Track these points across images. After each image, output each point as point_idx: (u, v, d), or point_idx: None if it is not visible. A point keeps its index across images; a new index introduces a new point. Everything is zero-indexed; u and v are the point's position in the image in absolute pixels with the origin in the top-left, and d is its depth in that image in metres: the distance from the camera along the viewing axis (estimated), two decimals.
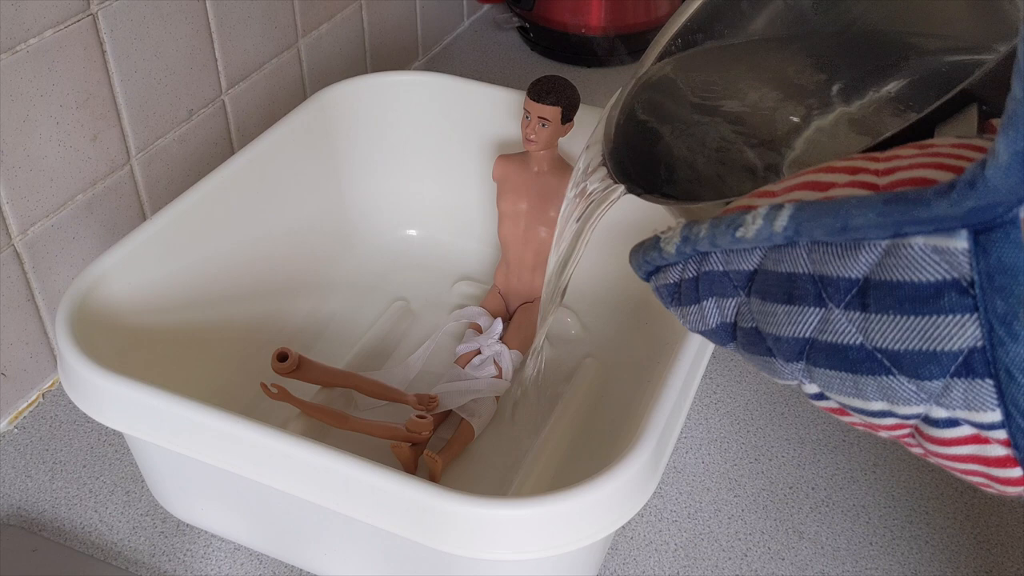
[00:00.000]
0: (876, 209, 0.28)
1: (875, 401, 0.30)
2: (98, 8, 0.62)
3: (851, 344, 0.30)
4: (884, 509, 0.60)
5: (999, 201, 0.25)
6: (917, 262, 0.28)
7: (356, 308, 0.73)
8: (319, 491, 0.46)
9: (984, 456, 0.29)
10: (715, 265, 0.34)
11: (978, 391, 0.28)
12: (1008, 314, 0.27)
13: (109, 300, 0.56)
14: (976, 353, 0.27)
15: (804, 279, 0.31)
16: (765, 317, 0.32)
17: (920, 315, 0.28)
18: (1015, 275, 0.26)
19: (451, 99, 0.75)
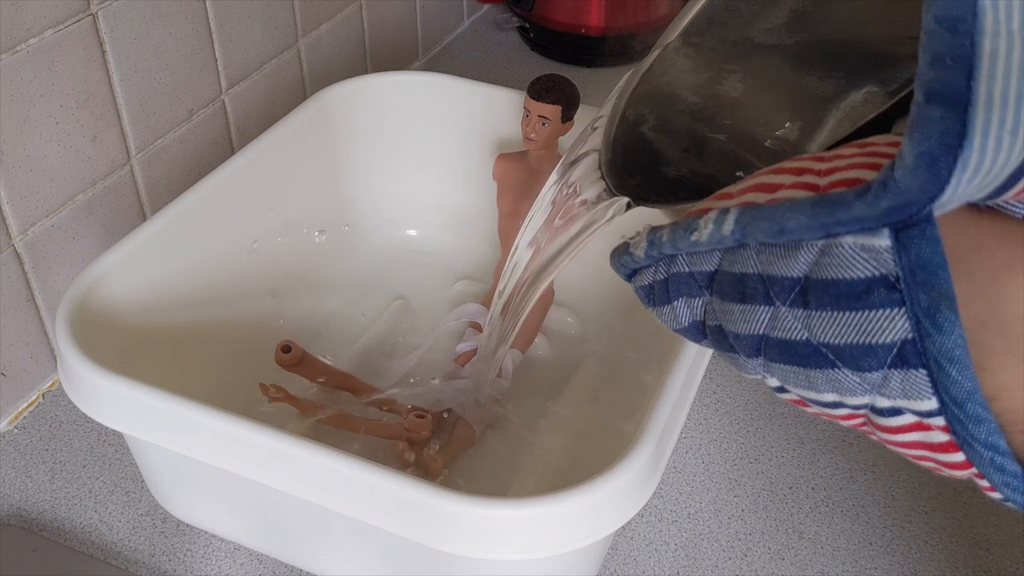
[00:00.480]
0: (806, 212, 0.29)
1: (827, 393, 0.32)
2: (98, 8, 0.62)
3: (799, 340, 0.31)
4: (883, 509, 0.60)
5: (911, 200, 0.26)
6: (848, 260, 0.29)
7: (356, 308, 0.73)
8: (319, 491, 0.46)
9: (929, 442, 0.31)
10: (681, 267, 0.35)
11: (913, 381, 0.29)
12: (931, 307, 0.28)
13: (109, 300, 0.56)
14: (908, 345, 0.29)
15: (754, 279, 0.32)
16: (725, 315, 0.34)
17: (854, 310, 0.29)
18: (933, 270, 0.28)
19: (451, 99, 0.75)
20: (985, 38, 0.26)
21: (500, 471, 0.61)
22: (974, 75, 0.25)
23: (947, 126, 0.25)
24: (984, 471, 0.30)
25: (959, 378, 0.28)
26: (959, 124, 0.25)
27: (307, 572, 0.56)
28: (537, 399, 0.65)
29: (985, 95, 0.25)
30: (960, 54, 0.25)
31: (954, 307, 0.28)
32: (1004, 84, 0.25)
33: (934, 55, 0.26)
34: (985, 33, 0.26)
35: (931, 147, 0.25)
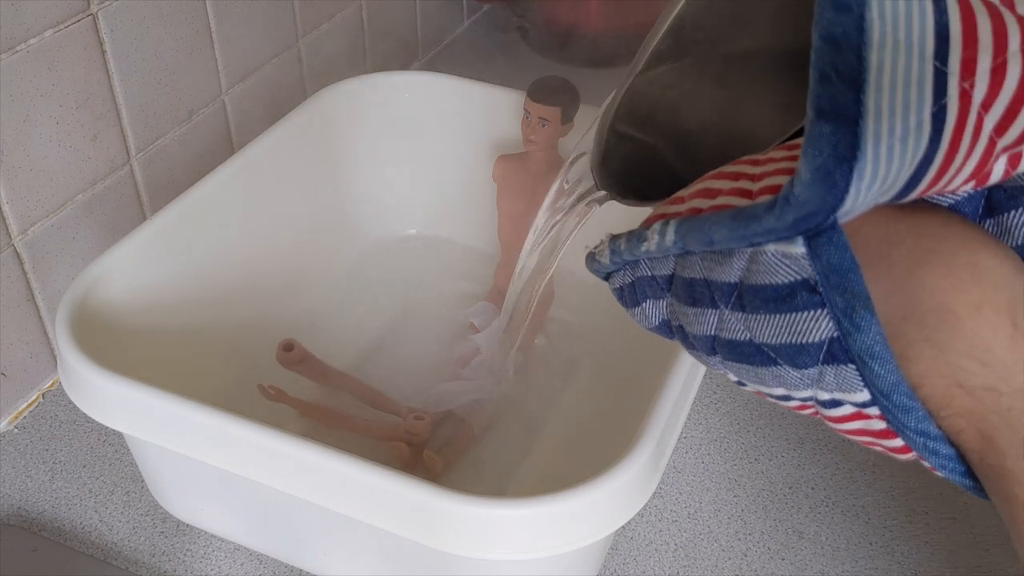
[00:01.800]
0: (727, 225, 0.30)
1: (775, 388, 0.33)
2: (98, 8, 0.62)
3: (743, 340, 0.33)
4: (883, 509, 0.60)
5: (813, 212, 0.27)
6: (772, 266, 0.31)
7: (356, 308, 0.73)
8: (319, 491, 0.46)
9: (870, 429, 0.32)
10: (644, 271, 0.37)
11: (845, 375, 0.31)
12: (848, 308, 0.30)
13: (109, 300, 0.56)
14: (835, 342, 0.30)
15: (700, 283, 0.34)
16: (683, 317, 0.36)
17: (782, 312, 0.31)
18: (844, 273, 0.29)
19: (451, 99, 0.75)
20: (872, 51, 0.27)
21: (500, 471, 0.61)
22: (863, 88, 0.26)
23: (838, 140, 0.26)
24: (920, 454, 0.31)
25: (882, 372, 0.30)
26: (850, 137, 0.26)
27: (307, 572, 0.56)
28: (537, 399, 0.65)
29: (874, 107, 0.26)
30: (846, 70, 0.26)
31: (869, 306, 0.29)
32: (891, 94, 0.27)
33: (821, 72, 0.27)
34: (872, 46, 0.27)
35: (824, 162, 0.26)
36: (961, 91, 0.27)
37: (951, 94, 0.27)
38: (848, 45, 0.27)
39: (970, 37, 0.28)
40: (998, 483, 0.30)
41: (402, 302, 0.73)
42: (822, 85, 0.27)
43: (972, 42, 0.28)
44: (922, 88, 0.27)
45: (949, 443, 0.31)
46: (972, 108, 0.28)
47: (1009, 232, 0.32)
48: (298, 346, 0.62)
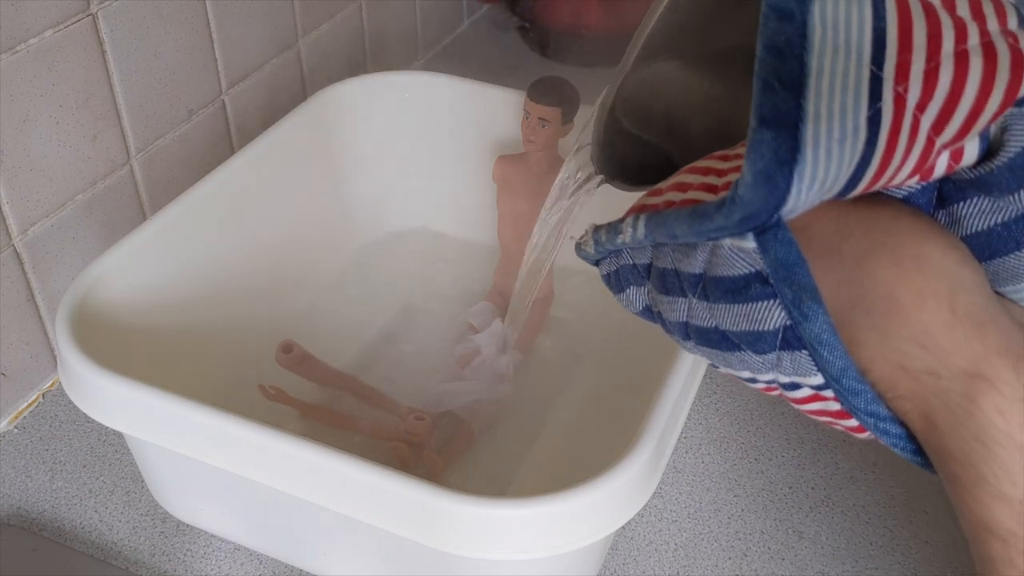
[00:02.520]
0: (686, 222, 0.32)
1: (742, 371, 0.35)
2: (98, 8, 0.62)
3: (709, 327, 0.35)
4: (884, 509, 0.60)
5: (757, 212, 0.29)
6: (729, 259, 0.33)
7: (355, 308, 0.73)
8: (319, 491, 0.46)
9: (827, 410, 0.34)
10: (626, 259, 0.39)
11: (800, 360, 0.32)
12: (796, 299, 0.31)
13: (109, 300, 0.56)
14: (788, 330, 0.32)
15: (671, 273, 0.36)
16: (660, 304, 0.37)
17: (740, 303, 0.33)
18: (791, 267, 0.31)
19: (451, 99, 0.75)
20: (813, 57, 0.28)
21: (500, 471, 0.61)
22: (804, 94, 0.28)
23: (779, 145, 0.28)
24: (873, 433, 0.33)
25: (831, 358, 0.32)
26: (790, 142, 0.28)
27: (307, 572, 0.56)
28: (537, 399, 0.65)
29: (814, 112, 0.28)
30: (788, 78, 0.28)
31: (816, 297, 0.31)
32: (830, 100, 0.28)
33: (764, 82, 0.28)
34: (813, 52, 0.28)
35: (766, 166, 0.28)
36: (895, 95, 0.29)
37: (886, 98, 0.28)
38: (791, 53, 0.28)
39: (905, 41, 0.29)
40: (939, 461, 0.32)
41: (402, 302, 0.73)
42: (765, 94, 0.28)
43: (907, 46, 0.29)
44: (858, 93, 0.28)
45: (899, 423, 0.33)
46: (907, 110, 0.29)
47: (958, 222, 0.33)
48: (297, 347, 0.62)
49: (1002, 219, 0.32)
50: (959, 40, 0.29)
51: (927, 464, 0.33)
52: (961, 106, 0.29)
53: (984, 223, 0.33)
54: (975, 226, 0.33)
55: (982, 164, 0.31)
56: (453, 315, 0.71)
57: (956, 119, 0.29)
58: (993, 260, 0.33)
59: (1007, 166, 0.31)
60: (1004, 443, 0.29)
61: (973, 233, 0.33)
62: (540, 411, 0.64)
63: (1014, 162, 0.31)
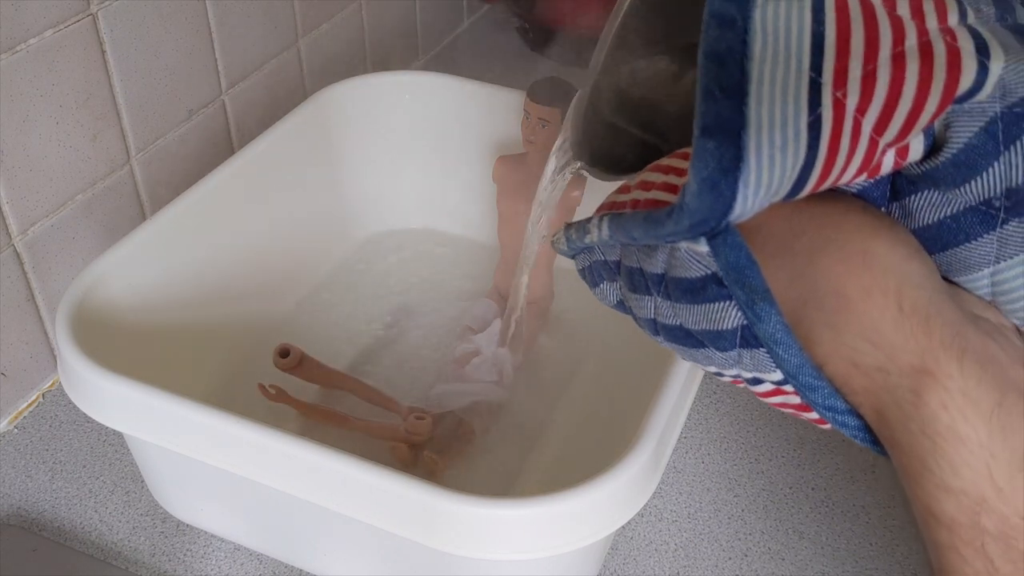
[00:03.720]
0: (641, 226, 0.33)
1: (708, 366, 0.36)
2: (98, 8, 0.62)
3: (675, 325, 0.35)
4: (884, 509, 0.60)
5: (705, 218, 0.29)
6: (686, 262, 0.33)
7: (356, 307, 0.73)
8: (319, 491, 0.46)
9: (790, 403, 0.35)
10: (598, 255, 0.39)
11: (759, 358, 0.33)
12: (748, 300, 0.32)
13: (109, 300, 0.56)
14: (746, 329, 0.33)
15: (637, 272, 0.36)
16: (629, 300, 0.38)
17: (699, 303, 0.34)
18: (742, 270, 0.32)
19: (451, 99, 0.75)
20: (754, 64, 0.28)
21: (500, 471, 0.61)
22: (745, 102, 0.28)
23: (722, 154, 0.28)
24: (833, 425, 0.34)
25: (786, 356, 0.32)
26: (734, 150, 0.28)
27: (307, 572, 0.56)
28: (537, 399, 0.65)
29: (755, 119, 0.28)
30: (729, 85, 0.28)
31: (768, 298, 0.32)
32: (771, 106, 0.28)
33: (706, 90, 0.28)
34: (754, 59, 0.28)
35: (710, 174, 0.28)
36: (835, 100, 0.29)
37: (825, 103, 0.29)
38: (732, 60, 0.28)
39: (843, 47, 0.29)
40: (891, 452, 0.32)
41: (402, 302, 0.73)
42: (706, 102, 0.28)
43: (845, 51, 0.29)
44: (798, 99, 0.29)
45: (856, 415, 0.33)
46: (847, 115, 0.29)
47: (911, 215, 0.34)
48: (294, 350, 0.62)
49: (951, 211, 0.33)
50: (896, 42, 0.30)
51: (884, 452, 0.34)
52: (900, 107, 0.30)
53: (935, 215, 0.33)
54: (926, 219, 0.33)
55: (929, 159, 0.32)
56: (453, 315, 0.71)
57: (896, 120, 0.30)
58: (945, 252, 0.33)
59: (951, 162, 0.31)
60: (947, 437, 0.30)
61: (925, 225, 0.33)
62: (540, 411, 0.64)
63: (957, 158, 0.31)
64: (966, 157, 0.31)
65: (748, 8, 0.29)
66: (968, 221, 0.32)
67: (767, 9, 0.29)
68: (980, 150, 0.31)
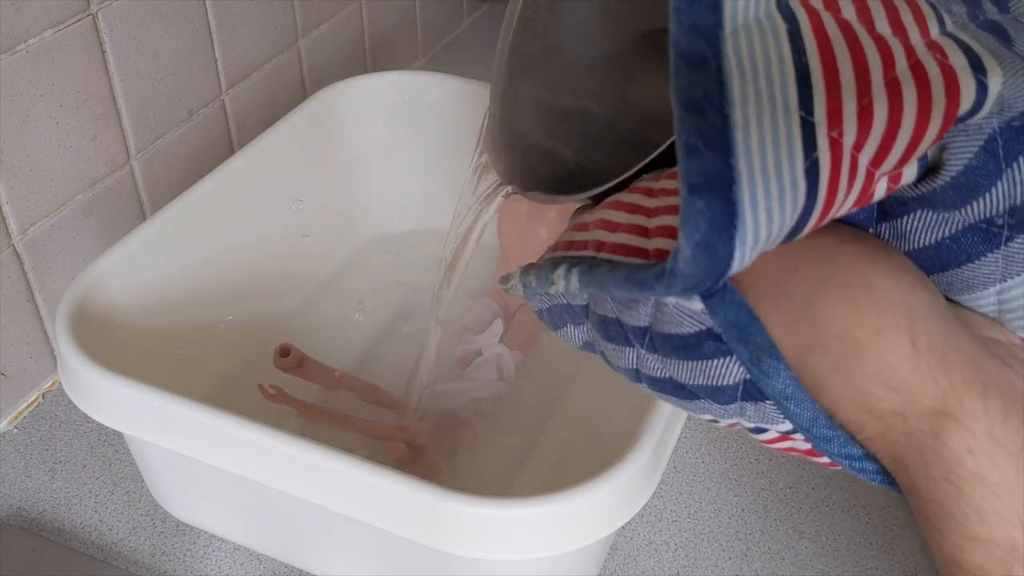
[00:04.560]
0: (623, 285, 0.30)
1: (703, 414, 0.34)
2: (98, 8, 0.62)
3: (663, 378, 0.33)
4: (884, 509, 0.60)
5: (699, 282, 0.27)
6: (676, 318, 0.31)
7: (356, 307, 0.73)
8: (319, 491, 0.46)
9: (798, 448, 0.33)
10: (560, 300, 0.37)
11: (765, 410, 0.31)
12: (754, 357, 0.30)
13: (109, 300, 0.56)
14: (749, 384, 0.31)
15: (614, 323, 0.34)
16: (603, 348, 0.36)
17: (693, 360, 0.31)
18: (744, 327, 0.30)
19: (451, 99, 0.75)
20: (736, 108, 0.26)
21: (500, 471, 0.61)
22: (732, 152, 0.25)
23: (714, 213, 0.25)
24: (849, 472, 0.32)
25: (798, 410, 0.30)
26: (726, 206, 0.25)
27: (307, 572, 0.56)
28: (537, 399, 0.65)
29: (747, 171, 0.25)
30: (712, 135, 0.25)
31: (775, 353, 0.30)
32: (762, 155, 0.26)
33: (687, 145, 0.26)
34: (735, 103, 0.26)
35: (703, 237, 0.25)
36: (831, 141, 0.27)
37: (821, 146, 0.26)
38: (710, 106, 0.26)
39: (832, 79, 0.27)
40: (911, 498, 0.30)
41: (402, 301, 0.73)
42: (690, 159, 0.26)
43: (834, 85, 0.27)
44: (791, 144, 0.26)
45: (874, 459, 0.31)
46: (844, 154, 0.27)
47: (904, 236, 0.32)
48: (294, 350, 0.62)
49: (950, 232, 0.31)
50: (887, 68, 0.27)
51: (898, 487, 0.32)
52: (900, 139, 0.28)
53: (932, 237, 0.31)
54: (923, 240, 0.31)
55: (924, 182, 0.30)
56: (453, 315, 0.71)
57: (895, 152, 0.28)
58: (945, 272, 0.31)
59: (950, 184, 0.30)
60: (974, 482, 0.28)
61: (921, 247, 0.32)
62: (541, 411, 0.64)
63: (957, 180, 0.29)
64: (967, 179, 0.29)
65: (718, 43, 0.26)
66: (969, 241, 0.31)
67: (739, 41, 0.26)
68: (981, 171, 0.29)
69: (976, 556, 0.29)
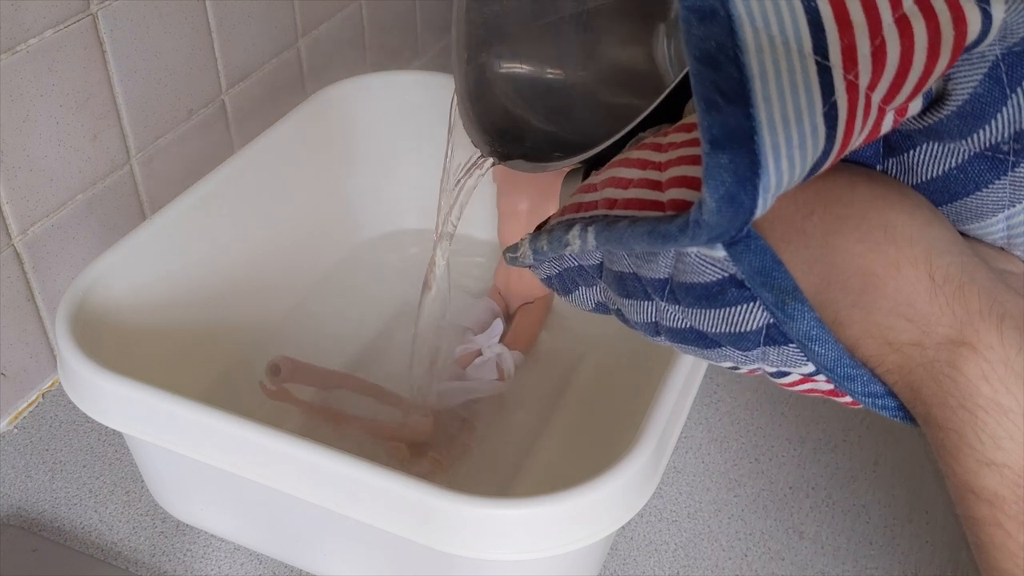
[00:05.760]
0: (644, 239, 0.30)
1: (723, 362, 0.35)
2: (98, 8, 0.62)
3: (684, 328, 0.34)
4: (885, 508, 0.60)
5: (725, 230, 0.27)
6: (697, 267, 0.31)
7: (356, 307, 0.73)
8: (319, 491, 0.46)
9: (819, 389, 0.34)
10: (571, 262, 0.37)
11: (787, 354, 0.32)
12: (778, 301, 0.31)
13: (109, 300, 0.56)
14: (772, 328, 0.32)
15: (631, 277, 0.35)
16: (619, 304, 0.36)
17: (716, 307, 0.32)
18: (768, 272, 0.30)
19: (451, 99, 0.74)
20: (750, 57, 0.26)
21: (500, 471, 0.61)
22: (752, 103, 0.25)
23: (737, 166, 0.26)
24: (870, 409, 0.33)
25: (822, 351, 0.31)
26: (749, 157, 0.25)
27: (307, 572, 0.56)
28: (537, 399, 0.65)
29: (767, 120, 0.26)
30: (730, 88, 0.25)
31: (798, 296, 0.31)
32: (781, 102, 0.26)
33: (705, 99, 0.26)
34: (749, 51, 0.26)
35: (728, 189, 0.26)
36: (847, 84, 0.27)
37: (839, 90, 0.27)
38: (725, 58, 0.25)
39: (844, 21, 0.27)
40: (926, 428, 0.31)
41: (402, 301, 0.73)
42: (710, 114, 0.26)
43: (847, 26, 0.27)
44: (809, 90, 0.26)
45: (894, 395, 0.32)
46: (860, 95, 0.27)
47: (911, 170, 0.32)
48: (284, 363, 0.61)
49: (956, 162, 0.31)
50: (894, 5, 0.27)
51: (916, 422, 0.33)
52: (911, 75, 0.28)
53: (939, 168, 0.32)
54: (930, 172, 0.32)
55: (929, 113, 0.31)
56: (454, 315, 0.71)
57: (907, 87, 0.28)
58: (954, 203, 0.32)
59: (956, 114, 0.30)
60: (990, 409, 0.29)
61: (929, 179, 0.32)
62: (541, 410, 0.64)
63: (963, 109, 0.30)
64: (972, 107, 0.30)
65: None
66: (976, 169, 0.31)
67: None
68: (986, 98, 0.29)
69: (990, 481, 0.30)
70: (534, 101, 0.48)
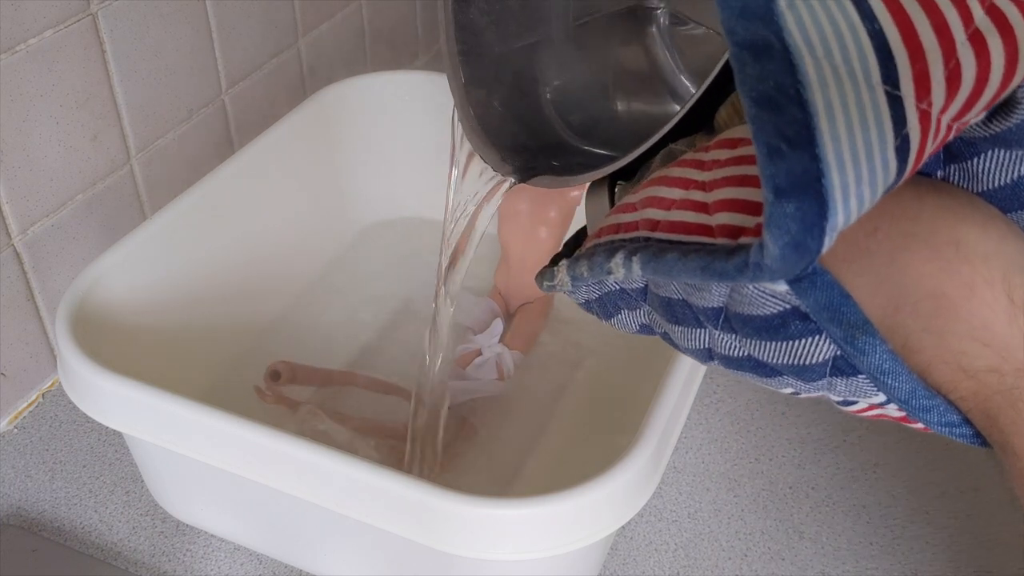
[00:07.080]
0: (696, 274, 0.28)
1: (784, 389, 0.33)
2: (98, 8, 0.62)
3: (742, 356, 0.32)
4: (885, 509, 0.60)
5: (791, 271, 0.25)
6: (756, 299, 0.29)
7: (356, 307, 0.73)
8: (319, 491, 0.46)
9: (888, 415, 0.32)
10: (613, 286, 0.35)
11: (857, 384, 0.30)
12: (848, 336, 0.29)
13: (109, 300, 0.56)
14: (840, 359, 0.29)
15: (680, 304, 0.33)
16: (668, 329, 0.34)
17: (778, 340, 0.30)
18: (836, 308, 0.28)
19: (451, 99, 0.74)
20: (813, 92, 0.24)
21: (501, 471, 0.61)
22: (817, 142, 0.23)
23: (804, 214, 0.24)
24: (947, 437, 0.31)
25: (895, 384, 0.29)
26: (817, 204, 0.24)
27: (307, 572, 0.56)
28: (537, 399, 0.65)
29: (835, 161, 0.24)
30: (794, 134, 0.24)
31: (869, 330, 0.28)
32: (850, 140, 0.24)
33: (768, 147, 0.24)
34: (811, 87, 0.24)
35: (794, 237, 0.24)
36: (920, 113, 0.25)
37: (911, 121, 0.25)
38: (786, 98, 0.24)
39: (914, 45, 0.25)
40: (1004, 458, 0.30)
41: (402, 301, 0.73)
42: (774, 162, 0.24)
43: (918, 52, 0.25)
44: (880, 124, 0.24)
45: (971, 423, 0.30)
46: (932, 122, 0.25)
47: (976, 178, 0.30)
48: (284, 368, 0.60)
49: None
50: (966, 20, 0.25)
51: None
52: (986, 92, 0.26)
53: (1006, 176, 0.30)
54: (997, 180, 0.30)
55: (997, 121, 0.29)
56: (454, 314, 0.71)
57: (979, 105, 0.26)
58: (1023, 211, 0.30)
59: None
60: None
61: (997, 187, 0.30)
62: (541, 410, 0.64)
63: None
64: None
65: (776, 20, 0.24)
66: None
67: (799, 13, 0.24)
68: None
69: None
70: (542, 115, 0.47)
